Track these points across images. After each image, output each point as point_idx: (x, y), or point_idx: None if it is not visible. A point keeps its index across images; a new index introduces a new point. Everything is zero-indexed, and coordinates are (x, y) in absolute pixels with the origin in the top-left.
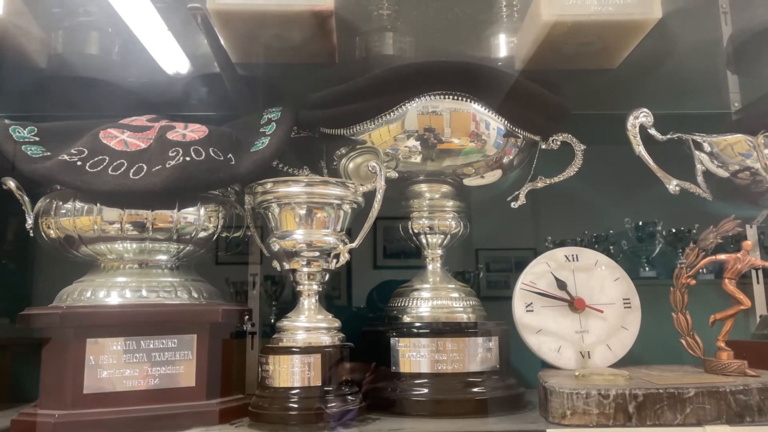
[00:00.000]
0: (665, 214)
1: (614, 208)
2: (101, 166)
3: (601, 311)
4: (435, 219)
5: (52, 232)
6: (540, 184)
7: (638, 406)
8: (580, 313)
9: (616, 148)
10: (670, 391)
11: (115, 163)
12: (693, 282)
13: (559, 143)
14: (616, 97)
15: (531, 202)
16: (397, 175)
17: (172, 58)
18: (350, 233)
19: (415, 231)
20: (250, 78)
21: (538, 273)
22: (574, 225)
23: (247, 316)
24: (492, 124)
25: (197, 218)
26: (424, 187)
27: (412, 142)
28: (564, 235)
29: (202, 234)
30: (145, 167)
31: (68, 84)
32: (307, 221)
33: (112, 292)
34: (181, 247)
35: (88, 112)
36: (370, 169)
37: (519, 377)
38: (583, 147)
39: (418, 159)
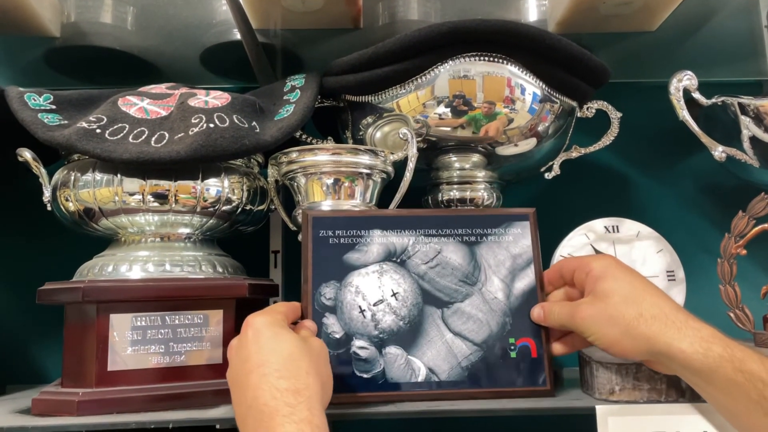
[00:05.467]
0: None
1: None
2: (121, 134)
3: None
4: (466, 190)
5: (71, 204)
6: (575, 154)
7: None
8: None
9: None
10: None
11: (135, 131)
12: (744, 252)
13: (594, 111)
14: (653, 63)
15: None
16: (425, 144)
17: (190, 26)
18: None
19: (445, 202)
20: (270, 45)
21: (576, 245)
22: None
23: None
24: (528, 88)
25: (221, 189)
26: (453, 156)
27: (443, 109)
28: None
29: (226, 207)
30: (167, 135)
31: (82, 53)
32: (335, 191)
33: (134, 267)
34: (205, 220)
35: (102, 83)
36: (401, 136)
37: None
38: (619, 115)
39: (448, 127)
